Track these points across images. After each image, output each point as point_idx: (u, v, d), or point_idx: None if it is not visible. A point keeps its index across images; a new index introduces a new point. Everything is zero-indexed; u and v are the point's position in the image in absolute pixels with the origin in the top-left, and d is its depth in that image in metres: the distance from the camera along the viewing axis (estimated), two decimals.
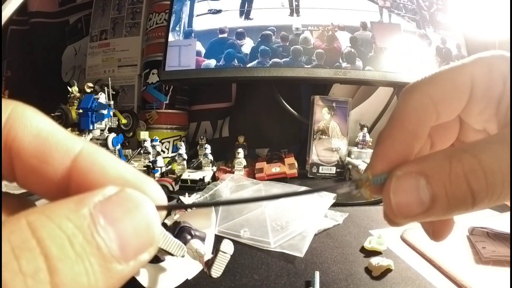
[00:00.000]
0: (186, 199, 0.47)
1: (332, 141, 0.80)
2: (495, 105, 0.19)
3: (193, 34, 0.85)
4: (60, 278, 0.09)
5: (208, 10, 0.85)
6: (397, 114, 0.19)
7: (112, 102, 0.79)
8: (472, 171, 0.15)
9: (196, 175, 0.73)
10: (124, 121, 0.88)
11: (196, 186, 0.71)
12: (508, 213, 0.55)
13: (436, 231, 0.21)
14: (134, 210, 0.11)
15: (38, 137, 0.12)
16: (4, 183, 0.14)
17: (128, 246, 0.11)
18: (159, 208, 0.12)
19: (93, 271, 0.10)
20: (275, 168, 0.77)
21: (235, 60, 0.81)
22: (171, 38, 0.86)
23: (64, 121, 0.74)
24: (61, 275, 0.09)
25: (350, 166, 0.78)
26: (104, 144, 0.75)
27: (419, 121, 0.19)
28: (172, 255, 0.34)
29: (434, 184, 0.16)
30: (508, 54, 0.19)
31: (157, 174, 0.73)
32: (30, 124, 0.12)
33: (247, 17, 0.83)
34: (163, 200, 0.13)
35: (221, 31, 0.83)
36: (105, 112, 0.75)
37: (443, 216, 0.17)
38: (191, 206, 0.30)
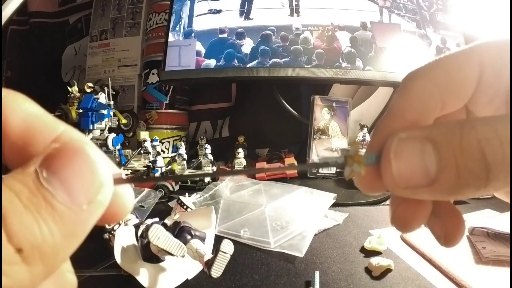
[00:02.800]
0: (186, 199, 0.47)
1: (332, 141, 0.80)
2: (506, 93, 0.17)
3: (193, 34, 0.85)
4: (11, 228, 0.10)
5: (208, 10, 0.85)
6: (397, 102, 0.18)
7: (112, 102, 0.79)
8: (487, 140, 0.13)
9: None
10: (124, 121, 0.88)
11: (196, 186, 0.71)
12: (508, 213, 0.55)
13: (449, 235, 0.18)
14: (73, 156, 0.12)
15: (26, 121, 0.12)
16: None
17: (75, 191, 0.11)
18: (118, 180, 0.13)
19: (43, 220, 0.11)
20: None
21: (235, 60, 0.81)
22: (171, 38, 0.86)
23: (64, 121, 0.74)
24: (12, 226, 0.10)
25: None
26: (104, 144, 0.75)
27: (422, 110, 0.17)
28: (172, 255, 0.34)
29: (442, 151, 0.14)
30: None
31: (157, 174, 0.73)
32: (19, 109, 0.12)
33: (247, 17, 0.83)
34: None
35: (221, 31, 0.83)
36: (105, 112, 0.75)
37: (451, 194, 0.15)
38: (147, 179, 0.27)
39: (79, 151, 0.12)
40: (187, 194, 0.50)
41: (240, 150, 0.80)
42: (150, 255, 0.36)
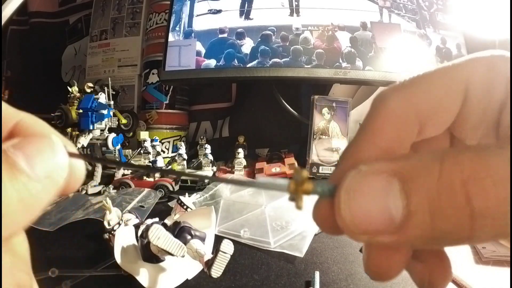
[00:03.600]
0: (186, 199, 0.47)
1: (332, 141, 0.80)
2: (495, 115, 0.15)
3: (193, 34, 0.85)
4: None
5: (208, 10, 0.85)
6: (367, 126, 0.15)
7: (112, 102, 0.79)
8: (476, 179, 0.10)
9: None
10: (124, 121, 0.88)
11: (196, 186, 0.71)
12: None
13: (433, 282, 0.15)
14: (39, 139, 0.13)
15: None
16: None
17: (35, 164, 0.12)
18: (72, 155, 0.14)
19: (3, 181, 0.12)
20: (275, 168, 0.77)
21: (235, 60, 0.81)
22: (171, 38, 0.86)
23: (64, 121, 0.74)
24: None
25: None
26: (104, 144, 0.75)
27: (395, 136, 0.14)
28: (172, 255, 0.34)
29: (413, 192, 0.11)
30: (509, 54, 0.15)
31: (157, 174, 0.73)
32: None
33: (247, 17, 0.83)
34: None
35: (221, 31, 0.83)
36: (105, 112, 0.75)
37: (422, 244, 0.12)
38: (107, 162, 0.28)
39: (44, 135, 0.13)
40: (187, 194, 0.50)
41: (240, 150, 0.80)
42: (150, 255, 0.36)
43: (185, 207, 0.46)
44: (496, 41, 0.81)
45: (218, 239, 0.38)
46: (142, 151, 0.79)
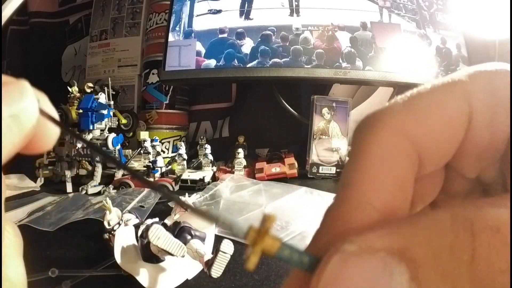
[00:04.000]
0: (186, 199, 0.47)
1: (332, 141, 0.80)
2: (501, 145, 0.12)
3: (193, 34, 0.85)
4: None
5: (208, 10, 0.85)
6: (356, 169, 0.12)
7: (112, 102, 0.79)
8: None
9: (196, 175, 0.73)
10: (124, 121, 0.88)
11: (196, 186, 0.71)
12: None
13: None
14: (11, 83, 0.13)
15: None
16: (3, 182, 0.14)
17: (5, 100, 0.12)
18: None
19: None
20: (275, 168, 0.77)
21: (235, 60, 0.81)
22: (171, 38, 0.86)
23: (64, 121, 0.74)
24: None
25: None
26: (104, 144, 0.75)
27: (392, 182, 0.11)
28: (172, 255, 0.35)
29: (427, 277, 0.08)
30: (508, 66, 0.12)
31: (157, 174, 0.73)
32: None
33: (247, 17, 0.83)
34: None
35: (221, 31, 0.83)
36: (105, 112, 0.75)
37: None
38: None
39: (18, 81, 0.13)
40: (187, 194, 0.50)
41: (240, 150, 0.80)
42: (150, 255, 0.36)
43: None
44: (496, 41, 0.81)
45: (218, 239, 0.38)
46: (142, 151, 0.79)
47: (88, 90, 0.79)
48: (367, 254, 0.09)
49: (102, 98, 0.76)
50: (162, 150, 0.88)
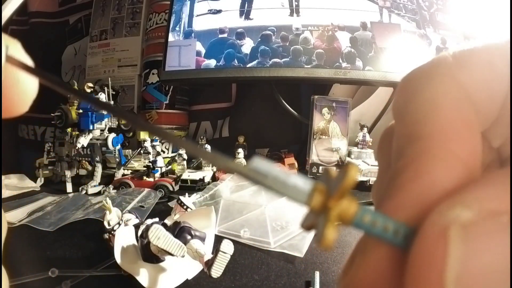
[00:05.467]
0: (186, 199, 0.47)
1: (332, 141, 0.80)
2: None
3: (193, 34, 0.85)
4: None
5: (208, 10, 0.85)
6: (422, 117, 0.10)
7: (112, 102, 0.79)
8: None
9: (196, 175, 0.73)
10: (124, 121, 0.88)
11: (196, 186, 0.71)
12: None
13: None
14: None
15: None
16: (4, 183, 0.14)
17: None
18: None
19: None
20: None
21: (235, 60, 0.81)
22: (171, 38, 0.86)
23: (64, 121, 0.74)
24: None
25: None
26: (104, 144, 0.75)
27: (467, 125, 0.10)
28: (172, 255, 0.35)
29: None
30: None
31: (157, 174, 0.73)
32: None
33: (247, 17, 0.83)
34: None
35: (221, 31, 0.83)
36: (105, 112, 0.75)
37: None
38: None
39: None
40: (187, 194, 0.50)
41: (240, 150, 0.80)
42: (150, 255, 0.36)
43: (185, 207, 0.46)
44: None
45: (218, 239, 0.38)
46: (142, 151, 0.79)
47: (88, 90, 0.79)
48: (492, 220, 0.07)
49: (102, 98, 0.76)
50: (162, 150, 0.88)
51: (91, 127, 0.73)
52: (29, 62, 0.11)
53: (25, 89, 0.11)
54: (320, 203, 0.07)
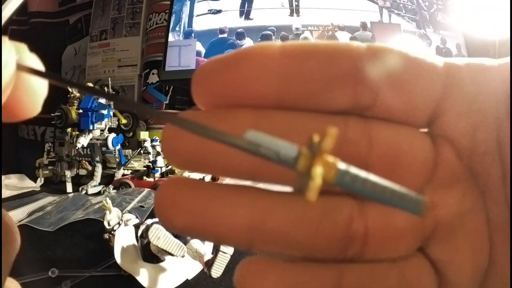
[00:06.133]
0: None
1: None
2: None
3: (193, 34, 0.85)
4: None
5: (208, 10, 0.85)
6: None
7: (112, 102, 0.79)
8: None
9: (196, 175, 0.73)
10: (124, 121, 0.88)
11: None
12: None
13: None
14: None
15: None
16: (4, 183, 0.14)
17: None
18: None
19: None
20: None
21: None
22: (171, 38, 0.86)
23: (64, 121, 0.74)
24: None
25: None
26: (104, 144, 0.75)
27: None
28: (172, 255, 0.35)
29: None
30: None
31: (157, 174, 0.73)
32: None
33: (247, 17, 0.83)
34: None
35: (221, 31, 0.83)
36: (105, 112, 0.75)
37: None
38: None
39: None
40: None
41: None
42: (150, 255, 0.36)
43: None
44: (496, 41, 0.81)
45: None
46: (142, 151, 0.79)
47: None
48: None
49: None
50: (162, 150, 0.88)
51: (91, 127, 0.73)
52: (40, 65, 0.11)
53: (36, 90, 0.11)
54: (305, 165, 0.08)
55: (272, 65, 0.11)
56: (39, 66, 0.11)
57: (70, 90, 0.80)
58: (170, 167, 0.80)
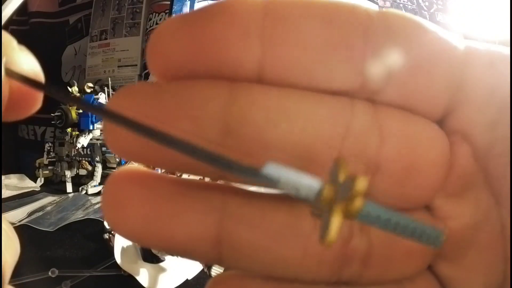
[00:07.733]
0: None
1: None
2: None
3: None
4: None
5: None
6: None
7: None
8: None
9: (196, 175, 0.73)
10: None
11: None
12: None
13: None
14: None
15: None
16: (4, 183, 0.14)
17: None
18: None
19: None
20: None
21: None
22: None
23: (64, 121, 0.74)
24: None
25: None
26: (104, 144, 0.75)
27: None
28: (172, 255, 0.35)
29: None
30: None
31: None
32: None
33: None
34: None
35: None
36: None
37: None
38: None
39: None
40: None
41: None
42: (150, 255, 0.36)
43: None
44: (496, 41, 0.81)
45: None
46: None
47: (88, 90, 0.79)
48: None
49: (102, 98, 0.76)
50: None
51: (91, 127, 0.73)
52: (37, 65, 0.11)
53: (33, 91, 0.11)
54: (327, 204, 0.07)
55: (254, 24, 0.08)
56: (37, 66, 0.11)
57: (70, 90, 0.80)
58: None
